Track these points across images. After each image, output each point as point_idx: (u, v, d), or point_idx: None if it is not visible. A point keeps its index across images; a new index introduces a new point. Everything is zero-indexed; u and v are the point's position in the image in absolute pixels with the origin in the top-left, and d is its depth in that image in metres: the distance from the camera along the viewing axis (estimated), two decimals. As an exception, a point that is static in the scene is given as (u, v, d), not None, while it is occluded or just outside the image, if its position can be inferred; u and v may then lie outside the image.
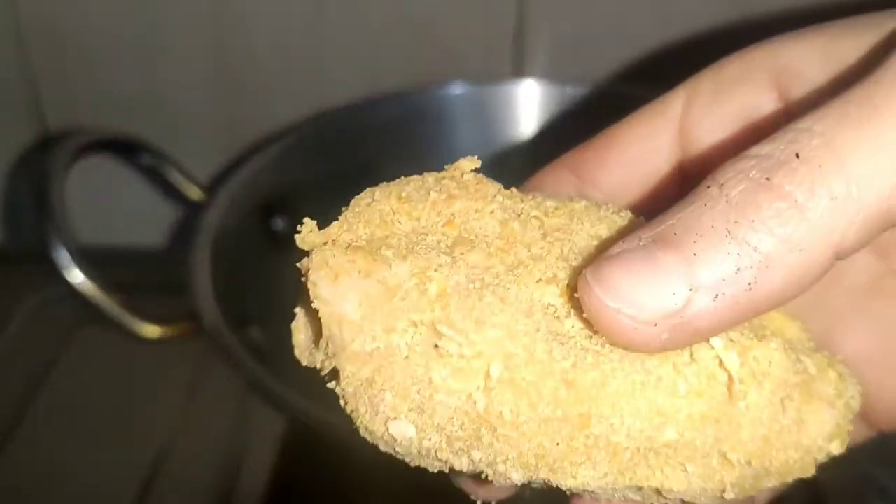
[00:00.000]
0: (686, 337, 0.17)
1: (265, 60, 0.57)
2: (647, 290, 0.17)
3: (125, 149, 0.47)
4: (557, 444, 0.18)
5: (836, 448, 0.19)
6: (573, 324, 0.19)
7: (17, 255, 0.64)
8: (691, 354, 0.18)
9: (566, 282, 0.19)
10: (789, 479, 0.19)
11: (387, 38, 0.56)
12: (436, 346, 0.18)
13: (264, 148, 0.50)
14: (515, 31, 0.55)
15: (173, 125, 0.60)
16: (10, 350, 0.56)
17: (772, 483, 0.19)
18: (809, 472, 0.19)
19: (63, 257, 0.38)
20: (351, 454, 0.34)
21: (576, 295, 0.18)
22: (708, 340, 0.18)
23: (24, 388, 0.53)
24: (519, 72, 0.56)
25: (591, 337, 0.18)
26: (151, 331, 0.39)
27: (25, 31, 0.58)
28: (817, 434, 0.19)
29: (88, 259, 0.39)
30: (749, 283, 0.17)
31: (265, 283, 0.47)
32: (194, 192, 0.50)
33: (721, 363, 0.18)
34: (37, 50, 0.58)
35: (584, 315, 0.18)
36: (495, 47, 0.56)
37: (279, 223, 0.49)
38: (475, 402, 0.18)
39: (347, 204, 0.24)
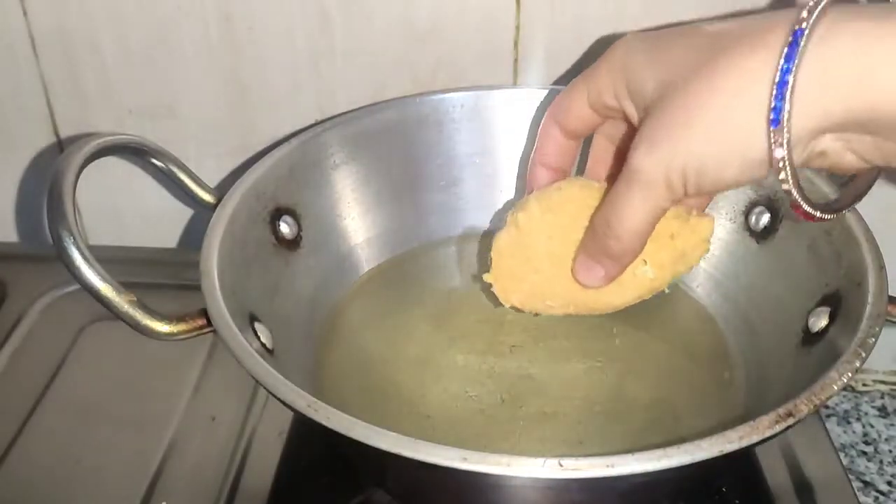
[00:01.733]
0: (608, 280, 0.43)
1: (273, 69, 0.59)
2: (592, 270, 0.43)
3: (138, 152, 0.48)
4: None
5: (698, 262, 0.45)
6: None
7: (32, 255, 0.65)
8: (634, 272, 0.43)
9: None
10: (682, 273, 0.45)
11: (389, 47, 0.57)
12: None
13: (271, 152, 0.51)
14: (514, 40, 0.56)
15: (185, 132, 0.61)
16: (25, 346, 0.57)
17: (680, 272, 0.45)
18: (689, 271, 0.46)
19: (76, 258, 0.39)
20: (355, 449, 0.35)
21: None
22: (641, 264, 0.44)
23: (38, 383, 0.54)
24: (518, 79, 0.57)
25: None
26: (161, 328, 0.40)
27: (38, 40, 0.59)
28: (688, 268, 0.45)
29: (101, 260, 0.39)
30: (614, 262, 0.42)
31: (272, 283, 0.48)
32: (205, 196, 0.50)
33: (645, 273, 0.44)
34: (49, 58, 0.60)
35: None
36: (495, 55, 0.57)
37: (285, 225, 0.50)
38: (544, 311, 0.47)
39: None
